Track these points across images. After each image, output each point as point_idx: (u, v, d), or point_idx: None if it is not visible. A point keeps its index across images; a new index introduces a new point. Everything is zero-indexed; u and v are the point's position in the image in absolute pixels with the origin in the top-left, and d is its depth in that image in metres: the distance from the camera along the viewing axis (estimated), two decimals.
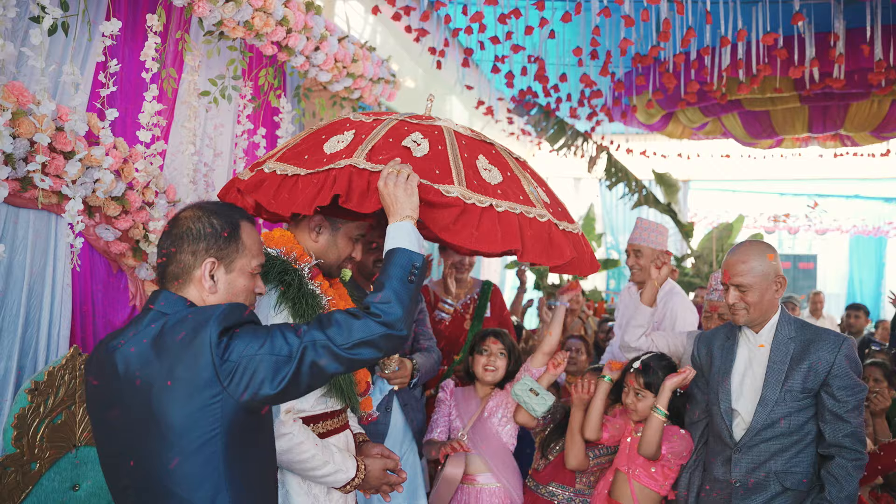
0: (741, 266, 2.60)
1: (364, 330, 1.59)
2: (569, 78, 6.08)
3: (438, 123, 2.19)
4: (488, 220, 1.96)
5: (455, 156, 2.06)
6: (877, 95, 5.98)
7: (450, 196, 1.93)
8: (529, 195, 2.13)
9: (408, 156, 2.00)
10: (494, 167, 2.13)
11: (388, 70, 4.21)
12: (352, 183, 1.92)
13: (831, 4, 4.70)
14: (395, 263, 1.72)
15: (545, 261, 2.06)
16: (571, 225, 2.28)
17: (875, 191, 11.56)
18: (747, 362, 2.70)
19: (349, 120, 2.21)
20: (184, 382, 1.47)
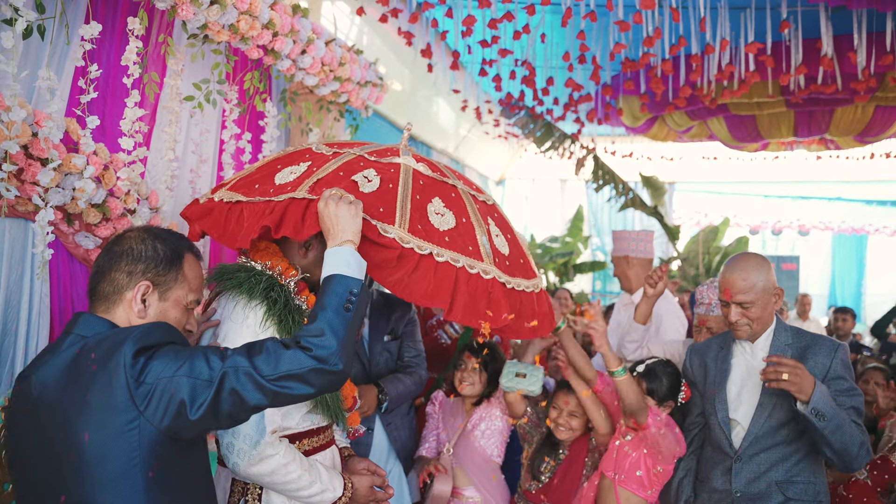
0: (742, 283, 2.57)
1: (292, 362, 1.48)
2: (556, 82, 6.07)
3: (399, 161, 2.11)
4: (424, 269, 1.89)
5: (405, 196, 1.97)
6: (861, 101, 6.02)
7: (386, 236, 1.85)
8: (480, 247, 2.02)
9: (354, 190, 1.94)
10: (449, 211, 2.04)
11: (376, 73, 4.15)
12: (287, 213, 1.86)
13: (819, 12, 4.71)
14: (331, 291, 1.62)
15: (475, 323, 1.94)
16: (528, 282, 2.15)
17: (857, 193, 11.68)
18: (744, 372, 2.69)
19: (310, 150, 2.17)
20: (98, 408, 1.37)
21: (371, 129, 5.72)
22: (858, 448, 2.35)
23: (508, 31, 4.91)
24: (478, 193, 2.24)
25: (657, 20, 4.38)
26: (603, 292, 12.02)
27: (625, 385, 2.64)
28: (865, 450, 2.38)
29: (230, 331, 1.89)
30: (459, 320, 1.91)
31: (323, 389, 1.55)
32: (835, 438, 2.32)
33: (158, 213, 2.86)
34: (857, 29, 4.83)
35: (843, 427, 2.33)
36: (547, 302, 2.25)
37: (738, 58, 5.03)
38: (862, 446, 2.37)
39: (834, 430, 2.31)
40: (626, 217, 11.66)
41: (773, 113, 6.47)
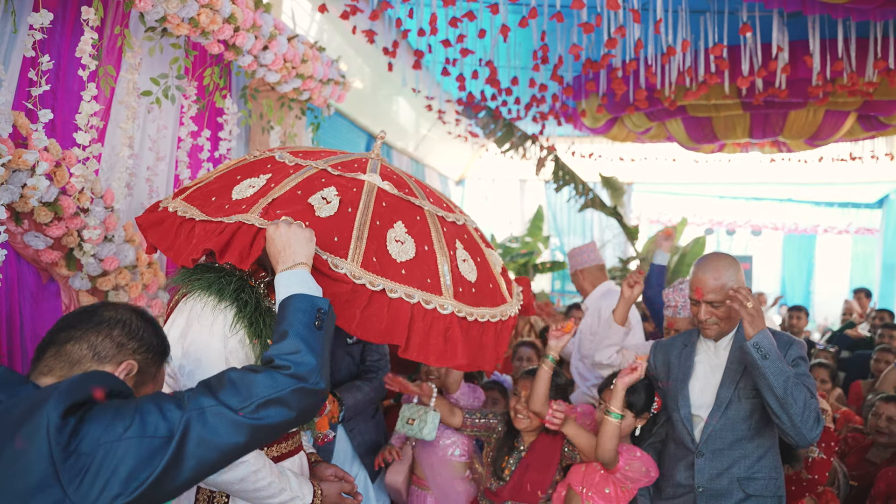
0: (713, 283, 2.61)
1: (269, 385, 1.32)
2: (519, 81, 6.07)
3: (364, 178, 1.99)
4: (377, 305, 1.79)
5: (363, 223, 1.87)
6: (813, 105, 6.18)
7: (338, 272, 1.77)
8: (441, 279, 1.93)
9: (310, 214, 1.84)
10: (410, 239, 1.94)
11: (338, 71, 4.08)
12: (234, 238, 1.77)
13: (774, 17, 4.81)
14: (297, 309, 1.49)
15: (432, 360, 1.87)
16: (494, 310, 2.07)
17: (806, 195, 12.02)
18: (708, 369, 2.73)
19: (273, 160, 2.06)
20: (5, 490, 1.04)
21: (332, 128, 5.64)
22: (804, 407, 2.36)
23: (472, 30, 4.89)
24: (447, 214, 2.13)
25: (619, 21, 4.41)
26: (562, 291, 12.12)
27: (611, 430, 2.60)
28: (815, 415, 2.38)
29: (198, 335, 1.80)
30: (415, 358, 1.83)
31: (304, 414, 1.39)
32: (776, 382, 2.35)
33: (114, 213, 2.75)
34: (812, 35, 4.95)
35: (789, 379, 2.37)
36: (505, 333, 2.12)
37: (698, 60, 5.10)
38: (809, 408, 2.37)
39: (777, 374, 2.36)
40: (585, 217, 11.77)
41: (729, 115, 6.59)
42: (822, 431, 2.43)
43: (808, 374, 2.52)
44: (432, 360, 1.86)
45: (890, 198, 11.59)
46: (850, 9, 4.39)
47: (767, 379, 2.36)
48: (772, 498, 2.59)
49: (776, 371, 2.35)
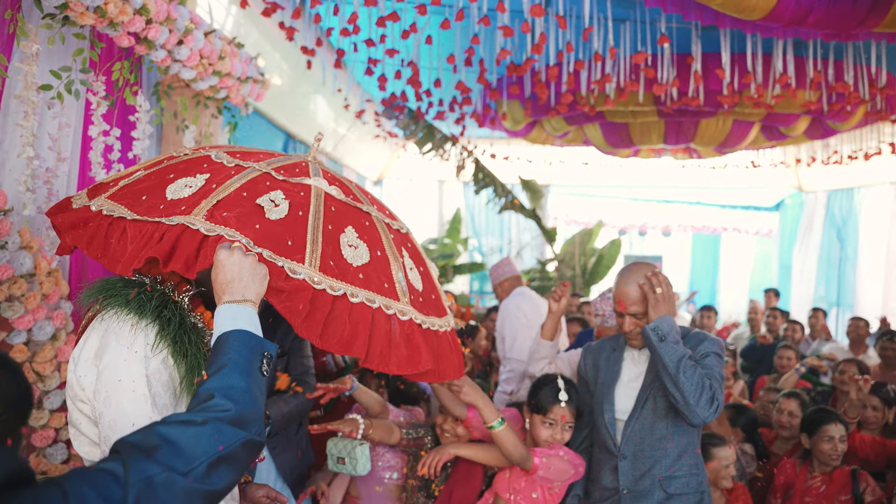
0: (636, 295, 2.65)
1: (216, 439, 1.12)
2: (442, 83, 6.02)
3: (309, 182, 1.88)
4: (338, 312, 1.68)
5: (316, 226, 1.76)
6: (722, 115, 6.45)
7: (295, 278, 1.64)
8: (396, 284, 1.85)
9: (259, 216, 1.71)
10: (363, 244, 1.84)
11: (257, 69, 3.89)
12: (178, 244, 1.62)
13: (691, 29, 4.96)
14: (243, 345, 1.34)
15: (394, 369, 1.75)
16: (441, 320, 2.00)
17: (713, 198, 12.58)
18: (632, 375, 2.79)
19: (209, 159, 1.91)
20: None
21: (250, 128, 5.41)
22: (697, 386, 2.45)
23: (396, 30, 4.80)
24: (392, 221, 2.05)
25: (543, 26, 4.43)
26: (481, 292, 12.19)
27: (502, 437, 2.57)
28: (710, 396, 2.46)
29: (115, 356, 1.61)
30: (377, 367, 1.72)
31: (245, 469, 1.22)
32: (670, 362, 2.45)
33: (7, 217, 2.49)
34: (724, 48, 5.15)
35: (683, 359, 2.46)
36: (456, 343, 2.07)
37: (619, 67, 5.21)
38: (703, 387, 2.45)
39: (671, 354, 2.46)
40: (503, 219, 11.87)
41: (645, 122, 6.79)
42: (716, 413, 2.50)
43: (715, 366, 2.59)
44: (394, 368, 1.75)
45: (785, 202, 12.31)
46: (758, 25, 4.59)
47: (663, 359, 2.47)
48: (694, 494, 2.65)
49: (671, 352, 2.47)
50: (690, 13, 4.32)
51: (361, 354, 1.69)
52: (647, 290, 2.59)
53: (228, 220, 1.67)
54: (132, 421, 1.54)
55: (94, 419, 1.61)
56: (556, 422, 2.72)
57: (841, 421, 3.55)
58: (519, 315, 4.37)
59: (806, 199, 11.66)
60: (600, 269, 9.78)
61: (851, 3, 4.02)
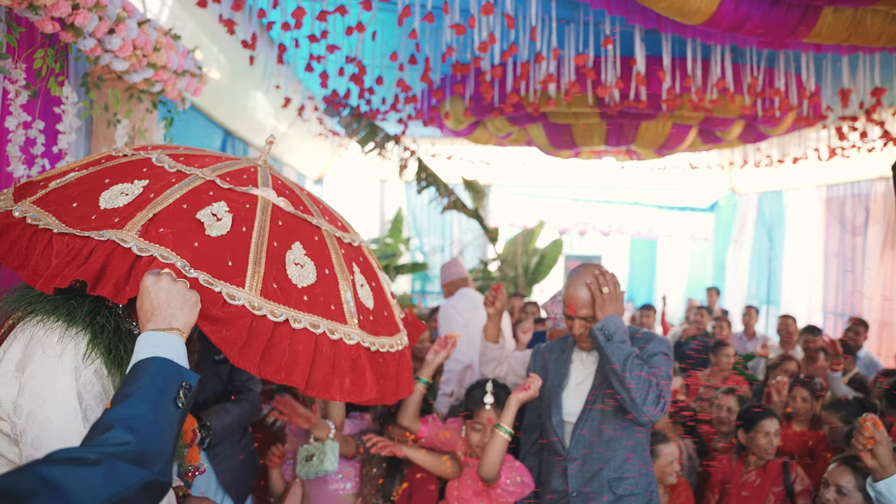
0: (585, 298, 2.65)
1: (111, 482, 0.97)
2: (385, 81, 5.94)
3: (256, 193, 1.76)
4: (280, 339, 1.59)
5: (260, 244, 1.65)
6: (662, 118, 6.58)
7: (234, 305, 1.55)
8: (344, 305, 1.76)
9: (199, 233, 1.60)
10: (310, 261, 1.74)
11: (195, 62, 3.73)
12: (109, 265, 1.50)
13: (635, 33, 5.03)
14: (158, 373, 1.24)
15: (339, 396, 1.67)
16: (392, 338, 1.92)
17: (651, 199, 12.87)
18: (580, 378, 2.79)
19: (149, 163, 1.78)
20: None
21: (187, 124, 5.21)
22: (644, 384, 2.48)
23: (339, 26, 4.70)
24: (343, 234, 1.95)
25: (491, 25, 4.41)
26: (423, 292, 12.14)
27: (502, 445, 2.56)
28: (656, 395, 2.49)
29: (41, 368, 1.48)
30: (319, 395, 1.64)
31: None
32: (617, 360, 2.48)
33: None
34: (665, 52, 5.25)
35: (629, 357, 2.49)
36: (406, 364, 2.00)
37: (563, 68, 5.24)
38: (649, 385, 2.48)
39: (617, 353, 2.48)
40: (445, 218, 11.85)
41: (588, 123, 6.86)
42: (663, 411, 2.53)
43: (662, 365, 2.62)
44: (338, 396, 1.66)
45: (720, 204, 12.70)
46: (699, 30, 4.69)
47: (609, 359, 2.49)
48: (643, 494, 2.67)
49: (617, 351, 2.49)
50: (633, 16, 4.37)
51: (301, 383, 1.59)
52: (593, 289, 2.61)
53: (165, 237, 1.56)
54: (60, 439, 1.42)
55: (15, 437, 1.48)
56: (484, 426, 2.70)
57: (775, 416, 3.67)
58: (455, 315, 4.44)
59: (739, 200, 12.06)
60: (542, 269, 9.86)
61: (784, 12, 4.15)
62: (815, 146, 8.14)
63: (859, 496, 2.80)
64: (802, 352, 6.11)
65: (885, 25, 4.30)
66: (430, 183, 8.27)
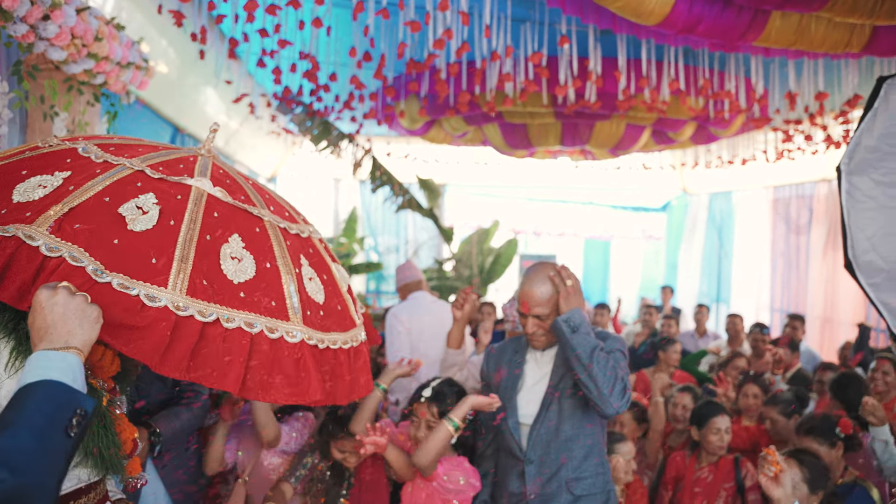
0: (539, 296, 2.63)
1: None
2: (339, 78, 5.84)
3: (191, 183, 1.64)
4: (210, 340, 1.47)
5: (189, 238, 1.53)
6: (616, 118, 6.64)
7: (154, 307, 1.42)
8: (287, 300, 1.63)
9: (120, 228, 1.47)
10: (249, 255, 1.61)
11: (140, 54, 3.59)
12: (12, 265, 1.37)
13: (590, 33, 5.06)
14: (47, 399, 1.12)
15: (281, 398, 1.55)
16: (345, 334, 1.79)
17: (604, 199, 13.03)
18: (535, 378, 2.75)
19: (75, 153, 1.63)
20: None
21: (132, 118, 5.03)
22: (610, 376, 2.47)
23: (292, 21, 4.59)
24: (290, 224, 1.82)
25: (446, 23, 4.37)
26: (377, 292, 12.05)
27: (444, 436, 2.52)
28: (622, 387, 2.50)
29: None
30: (255, 397, 1.52)
31: None
32: (583, 351, 2.45)
33: None
34: (621, 53, 5.29)
35: (596, 349, 2.48)
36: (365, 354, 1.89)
37: (518, 68, 5.23)
38: (615, 378, 2.48)
39: (584, 345, 2.46)
40: (400, 218, 11.78)
41: (543, 123, 6.88)
42: (627, 404, 2.54)
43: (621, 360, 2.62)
44: (281, 398, 1.54)
45: (672, 204, 12.94)
46: (653, 31, 4.74)
47: (575, 350, 2.46)
48: (600, 494, 2.66)
49: (583, 342, 2.47)
50: (589, 16, 4.38)
51: (234, 387, 1.47)
52: (557, 282, 2.59)
53: (79, 234, 1.42)
54: None
55: None
56: (419, 420, 2.66)
57: (726, 413, 3.73)
58: (395, 324, 4.42)
59: (690, 200, 12.31)
60: (497, 269, 9.88)
61: (735, 15, 4.22)
62: (763, 148, 8.34)
63: (804, 488, 2.88)
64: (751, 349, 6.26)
65: (828, 32, 4.43)
66: (385, 182, 8.19)
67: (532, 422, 2.67)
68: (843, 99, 6.09)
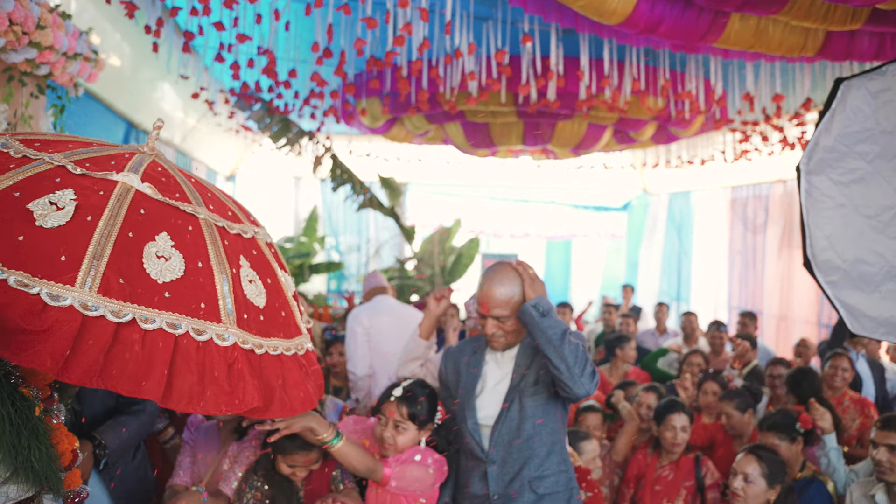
0: (499, 298, 2.58)
1: None
2: (299, 75, 5.73)
3: (117, 178, 1.53)
4: (125, 343, 1.35)
5: (106, 234, 1.41)
6: (578, 117, 6.67)
7: (58, 307, 1.30)
8: (219, 301, 1.52)
9: (26, 225, 1.36)
10: (178, 253, 1.50)
11: (89, 45, 3.45)
12: None
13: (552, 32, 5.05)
14: None
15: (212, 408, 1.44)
16: (289, 341, 1.68)
17: (566, 198, 13.11)
18: (495, 379, 2.71)
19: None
20: None
21: (82, 113, 4.84)
22: (581, 358, 2.46)
23: (250, 15, 4.48)
24: (230, 224, 1.69)
25: (406, 19, 4.31)
26: (338, 291, 11.93)
27: (342, 453, 2.42)
28: (591, 370, 2.49)
29: None
30: (184, 407, 1.40)
31: None
32: (554, 334, 2.43)
33: None
34: (583, 52, 5.29)
35: (566, 332, 2.46)
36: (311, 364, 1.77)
37: (480, 66, 5.20)
38: (586, 360, 2.48)
39: (554, 327, 2.44)
40: (361, 217, 11.68)
41: (505, 122, 6.87)
42: (595, 387, 2.52)
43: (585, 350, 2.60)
44: (212, 408, 1.43)
45: (632, 203, 13.08)
46: (615, 31, 4.75)
47: (546, 333, 2.43)
48: (564, 492, 2.64)
49: (554, 324, 2.44)
50: (551, 15, 4.37)
51: (156, 394, 1.35)
52: (520, 271, 2.58)
53: None
54: None
55: None
56: (387, 419, 2.59)
57: (685, 411, 3.74)
58: (354, 324, 4.47)
59: (650, 200, 12.47)
60: (459, 268, 9.85)
61: (696, 17, 4.25)
62: (722, 149, 8.48)
63: (763, 483, 2.91)
64: (709, 346, 6.34)
65: (784, 35, 4.51)
66: (346, 180, 8.09)
67: (493, 422, 2.63)
68: (799, 101, 6.21)
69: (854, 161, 2.73)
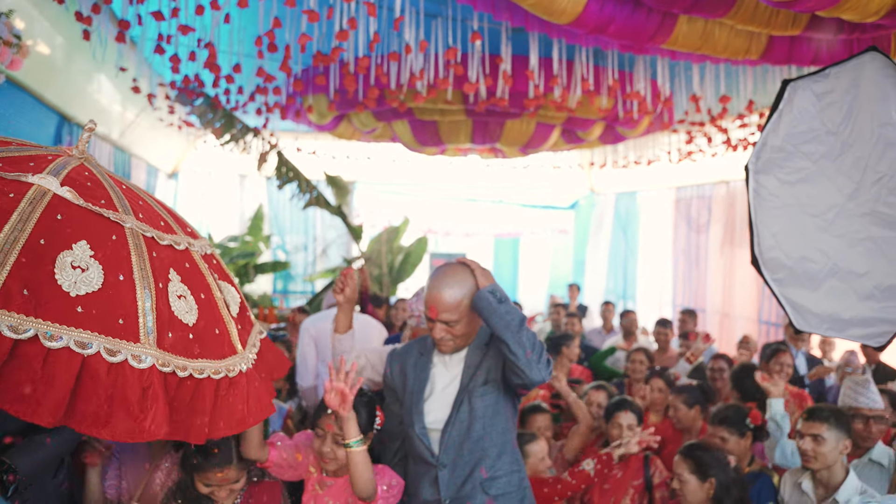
0: (448, 301, 2.50)
1: None
2: (243, 69, 5.56)
3: (32, 180, 1.42)
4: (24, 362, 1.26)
5: (11, 240, 1.31)
6: (526, 116, 6.67)
7: None
8: (140, 318, 1.43)
9: None
10: (97, 264, 1.41)
11: (10, 29, 3.24)
12: None
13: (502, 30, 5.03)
14: None
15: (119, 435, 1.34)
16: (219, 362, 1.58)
17: (514, 197, 13.17)
18: (444, 381, 2.65)
19: None
20: None
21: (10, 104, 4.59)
22: (538, 346, 2.43)
23: (191, 5, 4.31)
24: (161, 234, 1.59)
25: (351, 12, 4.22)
26: (284, 292, 11.73)
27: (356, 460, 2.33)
28: (547, 359, 2.47)
29: None
30: (88, 431, 1.31)
31: None
32: (512, 319, 2.38)
33: None
34: (532, 51, 5.29)
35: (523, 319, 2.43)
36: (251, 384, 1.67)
37: (429, 63, 5.14)
38: (542, 349, 2.45)
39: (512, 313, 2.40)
40: (308, 216, 11.49)
41: (453, 120, 6.82)
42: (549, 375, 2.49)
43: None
44: (118, 434, 1.33)
45: (580, 203, 13.24)
46: (564, 30, 4.75)
47: (504, 318, 2.37)
48: (517, 492, 2.61)
49: (512, 310, 2.40)
50: (501, 13, 4.35)
51: (52, 419, 1.26)
52: (470, 263, 2.53)
53: None
54: None
55: None
56: (325, 433, 2.49)
57: (633, 410, 3.75)
58: (303, 333, 4.38)
59: (597, 199, 12.63)
60: (407, 267, 9.78)
61: (645, 18, 4.29)
62: (667, 150, 8.63)
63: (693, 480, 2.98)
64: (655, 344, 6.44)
65: (730, 38, 4.61)
66: (292, 178, 7.92)
67: (443, 426, 2.57)
68: (742, 104, 6.35)
69: (800, 161, 2.78)
